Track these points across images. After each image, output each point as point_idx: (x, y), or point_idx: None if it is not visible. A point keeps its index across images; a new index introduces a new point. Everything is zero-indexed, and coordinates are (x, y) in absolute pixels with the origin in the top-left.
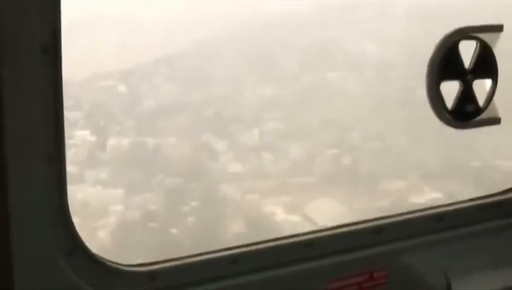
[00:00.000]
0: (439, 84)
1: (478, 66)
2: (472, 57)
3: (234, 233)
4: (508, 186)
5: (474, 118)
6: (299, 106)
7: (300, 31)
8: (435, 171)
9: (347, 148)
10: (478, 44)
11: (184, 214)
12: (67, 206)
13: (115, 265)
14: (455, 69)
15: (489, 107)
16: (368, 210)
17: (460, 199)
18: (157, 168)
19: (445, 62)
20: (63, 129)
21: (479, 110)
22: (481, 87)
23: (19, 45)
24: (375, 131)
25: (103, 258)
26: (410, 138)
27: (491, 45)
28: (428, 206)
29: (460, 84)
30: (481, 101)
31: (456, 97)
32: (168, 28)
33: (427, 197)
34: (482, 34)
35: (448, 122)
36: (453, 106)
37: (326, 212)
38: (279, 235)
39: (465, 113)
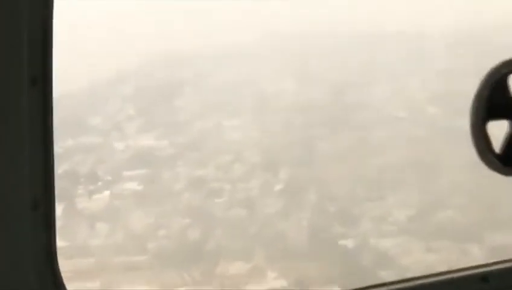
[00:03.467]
0: (485, 123)
1: None
2: None
3: None
4: None
5: None
6: (170, 162)
7: (220, 68)
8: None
9: (205, 215)
10: None
11: None
12: (55, 252)
13: None
14: (503, 107)
15: None
16: None
17: None
18: None
19: (492, 98)
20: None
21: None
22: None
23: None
24: (244, 195)
25: None
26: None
27: None
28: None
29: (509, 124)
30: None
31: (504, 139)
32: None
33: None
34: None
35: (495, 168)
36: (501, 149)
37: None
38: None
39: None
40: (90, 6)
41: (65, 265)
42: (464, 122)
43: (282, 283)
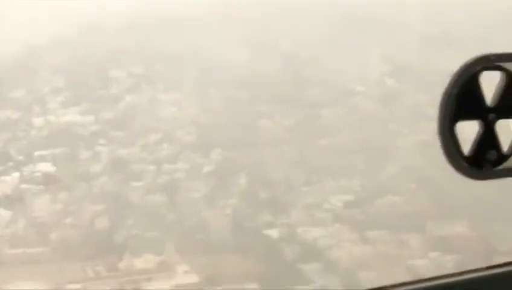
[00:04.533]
0: (454, 124)
1: (503, 103)
2: (495, 92)
3: None
4: None
5: (496, 166)
6: (92, 140)
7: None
8: None
9: (120, 202)
10: (504, 75)
11: None
12: None
13: None
14: (474, 106)
15: None
16: None
17: None
18: None
19: (462, 97)
20: None
21: (502, 157)
22: (506, 128)
23: None
24: (167, 178)
25: None
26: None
27: None
28: None
29: (480, 125)
30: (506, 145)
31: (474, 141)
32: None
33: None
34: (509, 63)
35: (464, 172)
36: (470, 151)
37: None
38: None
39: (485, 161)
40: None
41: None
42: (425, 98)
43: (193, 279)
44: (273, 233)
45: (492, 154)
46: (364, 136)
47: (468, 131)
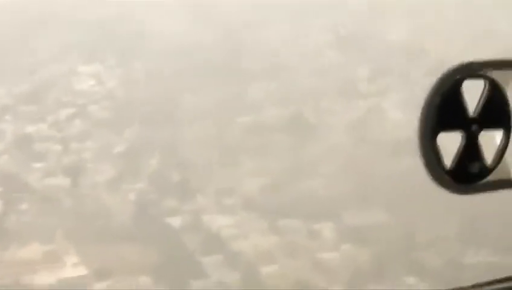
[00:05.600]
0: (435, 135)
1: (486, 113)
2: (478, 102)
3: None
4: None
5: (480, 180)
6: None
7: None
8: None
9: (15, 185)
10: (487, 84)
11: None
12: None
13: None
14: (456, 117)
15: (500, 166)
16: None
17: None
18: None
19: (443, 107)
20: None
21: (486, 170)
22: (489, 140)
23: None
24: (72, 158)
25: None
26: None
27: (504, 86)
28: None
29: (462, 136)
30: (489, 158)
31: (456, 153)
32: None
33: None
34: (493, 71)
35: (446, 185)
36: (452, 164)
37: None
38: None
39: (468, 174)
40: None
41: None
42: (366, 72)
43: (81, 271)
44: (176, 221)
45: (475, 167)
46: (292, 114)
47: (449, 143)
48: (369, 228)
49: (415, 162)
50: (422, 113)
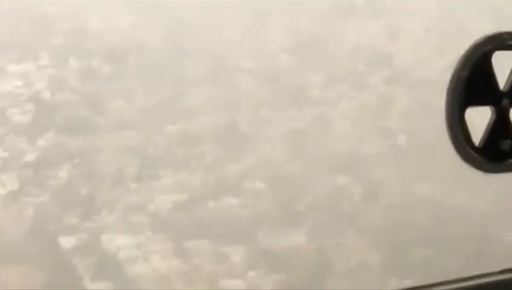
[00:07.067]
0: (463, 111)
1: None
2: (510, 75)
3: None
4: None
5: (511, 158)
6: None
7: None
8: None
9: None
10: None
11: None
12: None
13: None
14: (486, 91)
15: None
16: None
17: None
18: None
19: (472, 81)
20: None
21: None
22: None
23: None
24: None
25: None
26: None
27: None
28: None
29: (492, 112)
30: None
31: (486, 129)
32: None
33: None
34: None
35: (475, 164)
36: (481, 141)
37: None
38: None
39: (499, 152)
40: None
41: None
42: (317, 79)
43: None
44: (70, 240)
45: (506, 145)
46: (226, 123)
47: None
48: (284, 251)
49: (351, 181)
50: (449, 88)
